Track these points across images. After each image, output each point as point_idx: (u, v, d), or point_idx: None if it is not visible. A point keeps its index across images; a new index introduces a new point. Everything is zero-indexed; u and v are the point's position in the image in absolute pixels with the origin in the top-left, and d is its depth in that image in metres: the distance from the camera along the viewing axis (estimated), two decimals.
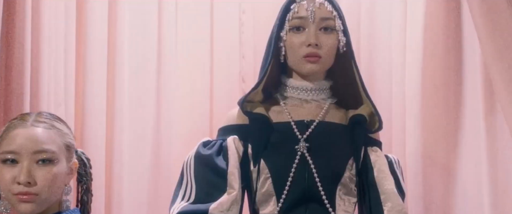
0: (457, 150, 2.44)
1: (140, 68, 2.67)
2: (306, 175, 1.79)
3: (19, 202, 1.58)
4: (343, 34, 1.80)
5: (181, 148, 2.62)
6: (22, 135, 1.61)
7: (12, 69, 2.36)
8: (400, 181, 1.87)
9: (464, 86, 2.38)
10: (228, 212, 1.74)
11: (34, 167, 1.59)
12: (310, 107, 1.87)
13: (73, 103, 2.52)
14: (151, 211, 2.54)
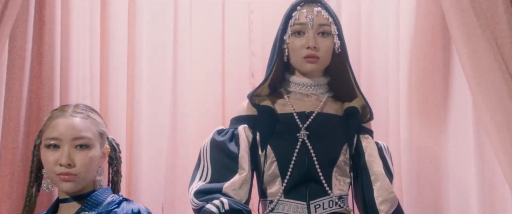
0: (447, 140, 2.61)
1: (157, 64, 2.85)
2: (306, 159, 2.02)
3: (61, 181, 1.84)
4: (338, 38, 2.03)
5: (195, 134, 2.81)
6: (63, 124, 1.86)
7: (43, 65, 2.56)
8: (388, 164, 2.10)
9: (452, 83, 2.55)
10: (239, 190, 1.97)
11: (73, 151, 1.84)
12: (310, 100, 2.09)
13: (98, 95, 2.70)
14: (169, 190, 2.72)
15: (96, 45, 2.73)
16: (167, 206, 2.70)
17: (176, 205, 2.74)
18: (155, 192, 2.62)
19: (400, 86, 2.65)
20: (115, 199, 1.88)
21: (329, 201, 2.01)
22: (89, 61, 2.69)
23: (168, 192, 2.73)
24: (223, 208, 1.88)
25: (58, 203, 1.93)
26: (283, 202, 2.02)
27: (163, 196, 2.67)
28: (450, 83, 2.56)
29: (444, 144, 2.63)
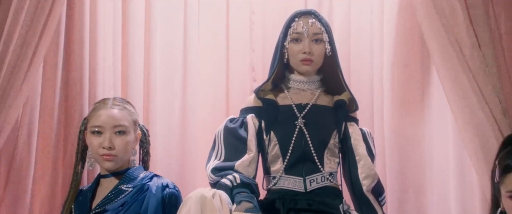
0: (426, 126, 2.94)
1: (169, 60, 3.14)
2: (303, 142, 2.39)
3: (103, 160, 2.23)
4: (329, 44, 2.40)
5: (202, 118, 3.13)
6: (105, 114, 2.25)
7: (72, 62, 2.88)
8: (371, 147, 2.48)
9: (429, 77, 2.87)
10: (248, 167, 2.34)
11: (113, 137, 2.24)
12: (306, 94, 2.46)
13: (120, 86, 3.00)
14: (180, 167, 3.01)
15: (118, 44, 3.04)
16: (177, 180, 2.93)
17: (186, 180, 3.00)
18: (167, 166, 2.90)
19: (383, 80, 2.96)
20: (148, 174, 2.27)
21: (321, 177, 2.39)
22: (112, 58, 3.00)
23: (178, 166, 3.00)
24: (235, 182, 2.24)
25: (100, 178, 2.32)
26: (283, 177, 2.40)
27: (174, 170, 2.95)
28: (428, 78, 2.87)
29: (424, 130, 2.94)
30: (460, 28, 2.30)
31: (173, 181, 2.58)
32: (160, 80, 3.11)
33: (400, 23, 2.91)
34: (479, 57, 2.28)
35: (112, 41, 3.01)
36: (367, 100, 3.01)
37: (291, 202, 2.38)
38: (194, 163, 3.06)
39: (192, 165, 3.06)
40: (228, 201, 2.18)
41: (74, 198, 2.29)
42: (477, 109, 2.29)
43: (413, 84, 2.94)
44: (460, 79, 2.33)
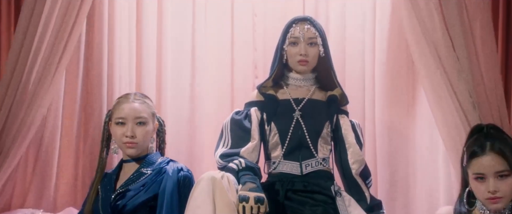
0: (415, 120, 3.22)
1: (179, 60, 3.42)
2: (299, 132, 2.70)
3: (126, 147, 2.54)
4: (322, 46, 2.70)
5: (209, 108, 3.41)
6: (127, 107, 2.56)
7: (92, 64, 3.21)
8: (359, 136, 2.79)
9: (415, 75, 3.10)
10: (251, 153, 2.64)
11: (135, 127, 2.55)
12: (302, 90, 2.77)
13: (135, 82, 3.31)
14: (188, 153, 3.30)
15: (132, 46, 3.33)
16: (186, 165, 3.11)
17: (194, 164, 3.26)
18: (176, 152, 3.17)
19: (375, 78, 3.24)
20: (164, 159, 2.59)
21: (315, 162, 2.70)
22: (127, 59, 3.30)
23: (187, 152, 3.30)
24: (241, 166, 2.55)
25: (122, 163, 2.63)
26: (282, 162, 2.71)
27: (183, 155, 3.22)
28: (413, 76, 3.14)
29: (411, 123, 3.22)
30: (437, 34, 2.63)
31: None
32: (170, 77, 3.40)
33: (389, 27, 3.19)
34: (453, 58, 2.61)
35: (128, 43, 3.31)
36: (359, 95, 3.29)
37: (289, 184, 2.69)
38: (201, 150, 3.36)
39: (199, 151, 3.36)
40: (234, 182, 2.48)
41: (100, 180, 2.59)
42: (449, 102, 2.63)
43: (401, 81, 3.22)
44: (435, 77, 2.66)
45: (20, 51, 2.80)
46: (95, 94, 3.21)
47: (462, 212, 2.34)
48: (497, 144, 2.24)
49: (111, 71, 3.24)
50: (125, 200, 2.50)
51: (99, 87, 3.20)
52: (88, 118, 3.22)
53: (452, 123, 2.65)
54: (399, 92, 3.23)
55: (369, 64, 3.27)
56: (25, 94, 2.83)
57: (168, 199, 2.45)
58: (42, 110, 2.91)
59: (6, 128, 2.80)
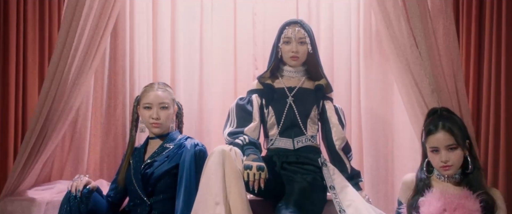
0: (392, 105, 3.67)
1: (189, 54, 3.88)
2: (292, 114, 3.19)
3: (152, 127, 3.06)
4: (310, 45, 3.16)
5: (215, 95, 3.86)
6: (153, 95, 3.08)
7: (117, 56, 3.69)
8: (341, 118, 3.27)
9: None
10: (253, 132, 3.12)
11: (159, 111, 3.05)
12: (294, 80, 3.26)
13: (152, 75, 3.79)
14: (198, 130, 3.76)
15: (149, 40, 3.81)
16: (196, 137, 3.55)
17: (202, 141, 3.61)
18: (187, 130, 3.50)
19: (359, 69, 3.70)
20: (183, 136, 3.10)
21: (305, 138, 3.20)
22: (146, 52, 3.79)
23: (196, 130, 3.77)
24: (245, 141, 3.03)
25: (148, 139, 3.15)
26: (278, 139, 3.21)
27: (193, 133, 3.63)
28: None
29: (389, 107, 3.68)
30: (403, 35, 3.14)
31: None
32: (182, 68, 3.88)
33: (369, 29, 3.67)
34: (416, 54, 3.14)
35: (146, 42, 3.81)
36: (347, 85, 3.77)
37: (284, 157, 3.20)
38: (208, 127, 3.86)
39: (206, 128, 3.85)
40: (240, 154, 2.95)
41: (131, 153, 3.10)
42: (414, 89, 3.15)
43: (381, 73, 3.69)
44: (402, 70, 3.18)
45: (61, 54, 3.32)
46: (119, 87, 3.73)
47: (422, 178, 2.84)
48: (448, 124, 2.75)
49: (132, 68, 3.74)
50: (152, 169, 3.01)
51: (122, 81, 3.72)
52: (113, 106, 3.74)
53: (416, 106, 3.17)
54: (380, 83, 3.71)
55: (354, 58, 3.74)
56: (65, 87, 3.36)
57: (187, 168, 2.93)
58: (78, 99, 3.45)
59: (51, 114, 3.33)
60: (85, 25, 3.29)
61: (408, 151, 3.54)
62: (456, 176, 2.81)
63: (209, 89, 3.90)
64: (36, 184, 3.51)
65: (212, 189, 2.79)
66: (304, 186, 3.08)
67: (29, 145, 3.31)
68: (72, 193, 2.82)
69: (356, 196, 3.09)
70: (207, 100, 3.88)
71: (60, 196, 3.26)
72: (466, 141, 2.79)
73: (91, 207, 2.86)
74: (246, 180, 2.85)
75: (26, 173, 3.37)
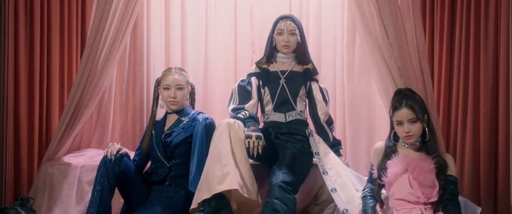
0: (371, 86, 4.22)
1: (196, 39, 4.42)
2: (284, 93, 3.74)
3: (170, 104, 3.65)
4: (299, 36, 3.71)
5: (218, 77, 4.40)
6: (171, 78, 3.66)
7: (136, 47, 4.28)
8: (325, 96, 3.84)
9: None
10: (252, 108, 3.67)
11: (176, 91, 3.62)
12: (286, 64, 3.81)
13: (163, 64, 4.35)
14: (203, 107, 4.27)
15: (162, 33, 4.37)
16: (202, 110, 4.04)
17: (207, 109, 4.30)
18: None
19: (343, 56, 4.28)
20: (196, 112, 3.70)
21: (295, 113, 3.76)
22: (159, 44, 4.35)
23: (202, 106, 4.28)
24: (246, 116, 3.61)
25: (167, 114, 3.74)
26: (273, 113, 3.77)
27: (198, 109, 4.05)
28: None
29: (368, 88, 4.24)
30: (376, 28, 3.78)
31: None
32: (190, 53, 4.42)
33: (353, 21, 4.19)
34: (387, 44, 3.79)
35: (159, 31, 4.37)
36: (332, 71, 4.34)
37: (277, 128, 3.76)
38: (212, 103, 4.42)
39: (210, 104, 4.42)
40: (242, 126, 3.52)
41: (153, 125, 3.71)
42: (385, 74, 3.81)
43: (360, 59, 4.26)
44: (376, 57, 3.83)
45: (91, 48, 3.95)
46: (137, 72, 4.32)
47: (390, 145, 3.44)
48: (410, 102, 3.34)
49: (148, 56, 4.34)
50: (171, 138, 3.64)
51: (140, 67, 4.32)
52: (132, 87, 4.35)
53: (387, 87, 3.82)
54: (360, 67, 4.28)
55: (339, 47, 4.32)
56: (95, 74, 3.99)
57: (200, 137, 3.54)
58: (104, 83, 4.08)
59: (83, 94, 3.98)
60: (111, 24, 3.93)
61: (384, 124, 4.08)
62: (416, 143, 3.36)
63: (213, 70, 4.46)
64: (69, 151, 4.16)
65: (221, 154, 3.41)
66: (294, 152, 3.64)
67: (66, 120, 3.97)
68: (107, 157, 3.49)
69: (336, 160, 3.68)
70: (211, 80, 4.46)
71: (92, 161, 3.98)
72: (425, 116, 3.38)
73: (122, 168, 3.50)
74: (247, 147, 3.45)
75: (62, 143, 4.03)
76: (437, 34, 4.14)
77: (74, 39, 4.24)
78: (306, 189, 3.82)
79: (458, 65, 4.04)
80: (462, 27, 4.00)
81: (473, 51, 4.02)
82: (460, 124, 4.07)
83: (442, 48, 4.11)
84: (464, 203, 3.62)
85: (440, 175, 3.33)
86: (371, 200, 3.48)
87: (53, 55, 4.16)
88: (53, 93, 4.16)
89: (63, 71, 4.20)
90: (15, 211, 2.56)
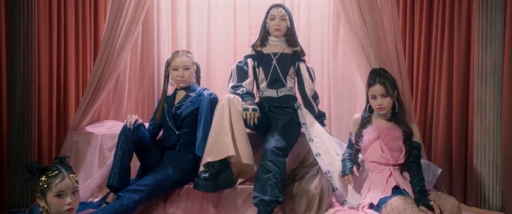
0: (354, 67, 4.79)
1: (199, 23, 5.01)
2: (276, 72, 4.32)
3: (179, 82, 4.32)
4: (289, 21, 4.28)
5: (219, 55, 5.02)
6: (179, 60, 4.31)
7: (148, 32, 4.89)
8: (311, 74, 4.44)
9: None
10: (249, 86, 4.25)
11: (184, 71, 4.26)
12: (277, 47, 4.38)
13: (170, 47, 4.94)
14: (205, 84, 4.84)
15: (169, 19, 4.95)
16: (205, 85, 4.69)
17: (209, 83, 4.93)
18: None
19: (330, 41, 4.89)
20: (201, 88, 4.32)
21: (285, 89, 4.34)
22: (166, 30, 4.96)
23: (205, 79, 4.86)
24: (244, 92, 4.18)
25: (176, 90, 4.38)
26: (266, 90, 4.35)
27: (203, 80, 4.67)
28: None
29: (352, 69, 4.82)
30: (355, 17, 4.41)
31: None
32: (195, 37, 5.03)
33: (337, 11, 4.79)
34: (365, 31, 4.44)
35: (166, 20, 5.00)
36: (320, 54, 4.94)
37: (270, 102, 4.34)
38: (214, 80, 5.03)
39: (213, 80, 5.03)
40: (240, 100, 4.08)
41: (165, 99, 4.33)
42: (363, 56, 4.46)
43: (344, 43, 4.85)
44: (356, 42, 4.48)
45: (109, 35, 4.56)
46: (149, 53, 4.94)
47: (365, 116, 4.04)
48: (382, 79, 3.93)
49: (158, 41, 4.94)
50: (181, 110, 4.25)
51: (151, 50, 4.94)
52: (144, 67, 4.97)
53: (364, 68, 4.48)
54: (344, 50, 4.89)
55: (325, 33, 4.92)
56: (112, 56, 4.60)
57: (205, 110, 4.12)
58: (121, 64, 4.70)
59: (103, 73, 4.62)
60: (126, 15, 4.53)
61: (364, 100, 4.45)
62: (388, 115, 3.92)
63: (215, 51, 5.05)
64: (90, 122, 4.80)
65: (222, 125, 4.01)
66: (285, 123, 4.20)
67: (88, 95, 4.62)
68: (127, 127, 4.15)
69: (321, 129, 4.26)
70: (213, 60, 5.07)
71: (110, 130, 4.63)
72: (395, 91, 3.98)
73: (139, 136, 4.14)
74: (245, 118, 4.01)
75: (85, 115, 4.67)
76: (417, 15, 4.82)
77: (88, 31, 4.87)
78: (295, 154, 4.37)
79: (435, 41, 4.70)
80: (439, 9, 4.65)
81: (448, 29, 4.65)
82: (435, 96, 4.74)
83: (421, 27, 4.79)
84: (427, 165, 4.30)
85: (407, 141, 3.89)
86: (350, 163, 4.07)
87: (69, 48, 4.80)
88: (70, 75, 4.82)
89: (78, 63, 4.84)
90: (56, 168, 2.94)
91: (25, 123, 4.55)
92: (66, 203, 2.86)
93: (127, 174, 4.09)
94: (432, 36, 4.80)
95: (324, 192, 4.13)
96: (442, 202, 3.70)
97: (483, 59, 4.45)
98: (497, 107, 4.45)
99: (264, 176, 3.88)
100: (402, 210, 3.63)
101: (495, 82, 4.43)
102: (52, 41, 4.69)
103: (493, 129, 4.45)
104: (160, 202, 4.15)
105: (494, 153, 4.44)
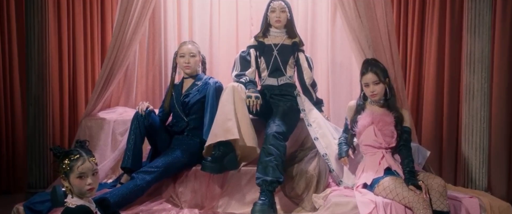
0: (352, 57, 5.22)
1: (202, 14, 5.43)
2: (276, 62, 4.74)
3: (185, 69, 4.74)
4: (288, 13, 4.70)
5: (222, 45, 5.43)
6: (185, 48, 4.74)
7: (155, 25, 5.34)
8: (310, 64, 4.86)
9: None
10: (251, 74, 4.69)
11: (190, 58, 4.70)
12: (278, 38, 4.79)
13: (177, 39, 5.38)
14: (210, 68, 5.31)
15: (175, 13, 5.39)
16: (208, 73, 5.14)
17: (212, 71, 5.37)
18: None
19: (328, 32, 5.29)
20: (207, 77, 4.76)
21: (285, 78, 4.74)
22: (172, 23, 5.39)
23: (209, 66, 5.21)
24: (247, 80, 4.59)
25: (184, 79, 4.82)
26: (267, 78, 4.75)
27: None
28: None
29: (349, 58, 5.27)
30: (351, 9, 4.84)
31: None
32: (198, 28, 5.45)
33: (335, 5, 5.22)
34: (359, 21, 4.87)
35: (172, 14, 5.43)
36: (319, 44, 5.35)
37: (271, 90, 4.74)
38: (217, 67, 5.47)
39: (216, 68, 5.47)
40: (244, 88, 4.50)
41: (173, 87, 4.76)
42: (357, 45, 4.89)
43: (341, 34, 5.27)
44: (351, 33, 4.90)
45: (119, 29, 4.99)
46: (156, 44, 5.38)
47: (360, 103, 4.45)
48: (374, 68, 4.35)
49: (165, 33, 5.38)
50: (189, 98, 4.67)
51: (158, 41, 5.37)
52: (152, 57, 5.40)
53: (359, 57, 4.92)
54: (341, 41, 5.31)
55: (324, 25, 5.34)
56: (123, 48, 5.03)
57: (211, 97, 4.54)
58: (130, 56, 5.14)
59: (115, 62, 5.06)
60: (135, 10, 4.96)
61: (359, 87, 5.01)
62: (380, 101, 4.31)
63: (217, 40, 5.47)
64: (102, 109, 5.24)
65: (227, 111, 4.44)
66: (285, 109, 4.57)
67: (100, 84, 5.08)
68: (139, 113, 4.59)
69: (319, 115, 4.66)
70: (216, 49, 5.48)
71: (121, 116, 5.07)
72: (386, 79, 4.39)
73: (150, 121, 4.58)
74: (248, 105, 4.41)
75: (97, 102, 5.13)
76: (410, 7, 5.31)
77: (95, 24, 5.34)
78: (294, 138, 4.73)
79: (427, 31, 5.17)
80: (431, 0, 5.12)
81: (439, 19, 5.14)
82: (427, 83, 5.24)
83: (414, 18, 5.28)
84: (417, 148, 4.75)
85: (398, 126, 4.29)
86: (345, 146, 4.46)
87: (78, 41, 5.32)
88: (78, 68, 5.37)
89: (87, 56, 5.39)
90: (77, 151, 3.23)
91: (40, 108, 4.91)
92: (87, 183, 3.20)
93: (139, 157, 4.53)
94: (424, 27, 5.28)
95: (321, 173, 4.51)
96: (429, 182, 4.12)
97: (472, 47, 4.81)
98: (484, 94, 4.84)
99: (266, 159, 4.26)
100: (393, 189, 4.06)
101: (483, 70, 4.81)
102: (62, 37, 5.27)
103: (480, 115, 4.82)
104: (170, 182, 4.60)
105: (481, 137, 4.82)
